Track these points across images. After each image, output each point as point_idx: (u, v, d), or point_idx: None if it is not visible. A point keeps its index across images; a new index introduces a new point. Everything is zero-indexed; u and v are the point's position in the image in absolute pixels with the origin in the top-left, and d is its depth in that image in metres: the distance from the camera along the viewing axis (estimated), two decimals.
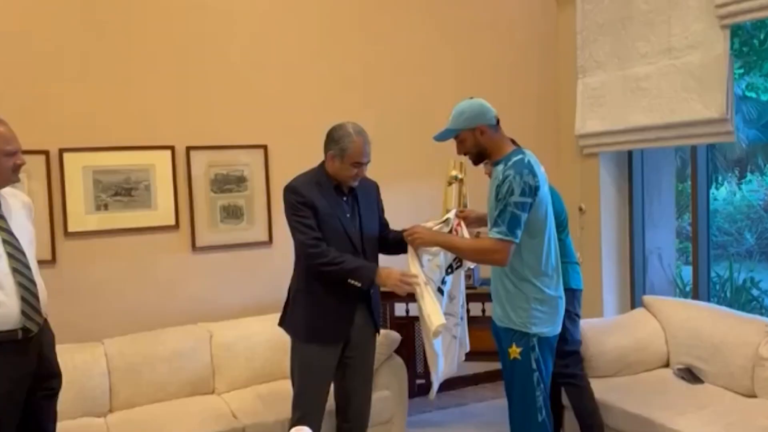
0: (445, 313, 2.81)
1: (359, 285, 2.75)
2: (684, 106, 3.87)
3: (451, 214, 2.90)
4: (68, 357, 3.11)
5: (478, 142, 2.73)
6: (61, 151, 3.62)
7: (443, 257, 2.86)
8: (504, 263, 2.59)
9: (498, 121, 2.74)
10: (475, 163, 2.83)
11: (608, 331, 3.66)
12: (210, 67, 3.94)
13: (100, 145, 3.70)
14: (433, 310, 2.70)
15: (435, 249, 2.84)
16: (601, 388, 3.36)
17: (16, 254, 2.45)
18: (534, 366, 2.66)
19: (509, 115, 4.70)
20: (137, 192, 3.79)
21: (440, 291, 2.84)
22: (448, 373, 2.99)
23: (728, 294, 5.56)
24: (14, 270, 2.42)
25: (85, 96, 3.68)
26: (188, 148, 3.89)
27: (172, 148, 3.86)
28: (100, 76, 3.71)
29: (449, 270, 2.87)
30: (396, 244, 2.94)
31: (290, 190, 2.83)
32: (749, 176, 11.37)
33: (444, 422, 3.26)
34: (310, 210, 2.77)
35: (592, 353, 3.50)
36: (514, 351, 2.68)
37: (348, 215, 2.87)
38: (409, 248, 2.82)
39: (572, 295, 3.18)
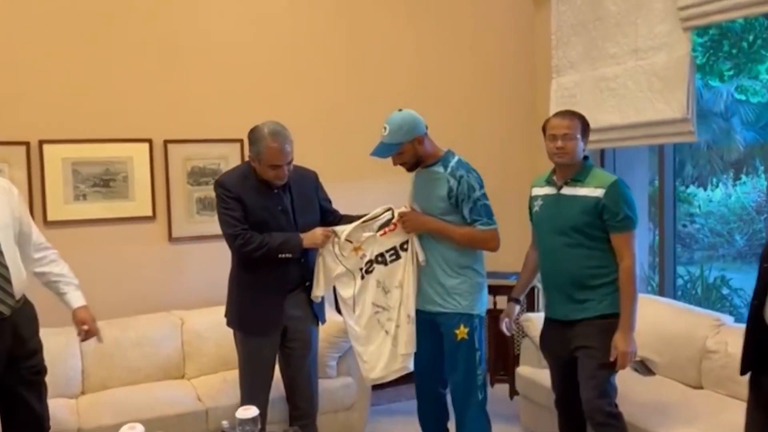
0: (375, 304, 2.96)
1: (291, 255, 2.86)
2: (649, 106, 3.94)
3: (391, 213, 2.98)
4: (44, 341, 3.18)
5: (416, 152, 2.92)
6: (41, 143, 3.74)
7: (374, 247, 2.96)
8: (497, 249, 2.96)
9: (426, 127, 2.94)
10: (411, 170, 3.00)
11: None
12: (188, 62, 4.05)
13: (79, 137, 3.82)
14: (322, 277, 2.96)
15: (368, 234, 2.96)
16: None
17: None
18: (477, 345, 2.96)
19: (486, 113, 4.86)
20: (115, 183, 3.91)
21: (360, 271, 2.99)
22: (390, 371, 3.00)
23: (699, 292, 5.63)
24: None
25: (65, 89, 3.79)
26: (166, 142, 4.00)
27: (150, 141, 3.97)
28: (80, 69, 3.82)
29: (380, 259, 2.97)
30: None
31: (218, 184, 2.94)
32: (744, 178, 11.39)
33: (412, 411, 3.36)
34: (237, 203, 2.87)
35: None
36: (462, 332, 2.93)
37: (279, 207, 2.95)
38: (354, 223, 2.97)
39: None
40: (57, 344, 3.41)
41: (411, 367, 2.99)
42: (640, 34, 4.00)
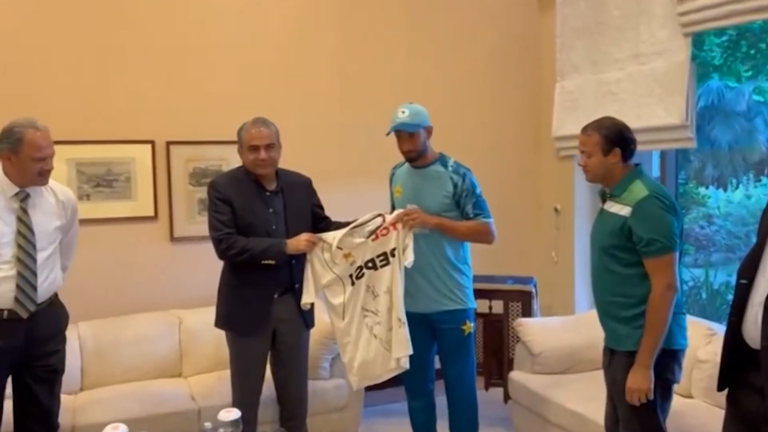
0: (364, 309, 2.98)
1: (273, 262, 2.89)
2: (648, 111, 3.91)
3: (381, 219, 2.99)
4: None
5: (424, 142, 3.01)
6: None
7: (365, 252, 2.98)
8: (494, 241, 3.09)
9: None
10: (413, 161, 3.03)
11: (562, 328, 3.75)
12: (191, 65, 4.11)
13: (83, 138, 3.89)
14: (311, 284, 2.97)
15: (359, 240, 2.97)
16: (547, 384, 3.47)
17: (25, 245, 2.67)
18: (473, 338, 3.15)
19: (491, 116, 4.84)
20: (118, 183, 3.98)
21: (350, 277, 3.00)
22: (385, 370, 3.02)
23: (704, 297, 5.56)
24: (17, 259, 2.64)
25: (70, 91, 3.86)
26: (168, 143, 4.06)
27: (152, 143, 4.03)
28: (84, 72, 3.90)
29: (369, 264, 2.98)
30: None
31: (210, 186, 3.00)
32: (765, 179, 11.20)
33: (406, 412, 3.39)
34: (227, 206, 2.91)
35: (543, 350, 3.59)
36: (468, 327, 3.12)
37: (270, 210, 2.99)
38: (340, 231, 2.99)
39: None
40: None
41: (407, 366, 3.00)
42: (641, 39, 3.97)
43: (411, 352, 2.97)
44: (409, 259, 2.95)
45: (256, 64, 4.26)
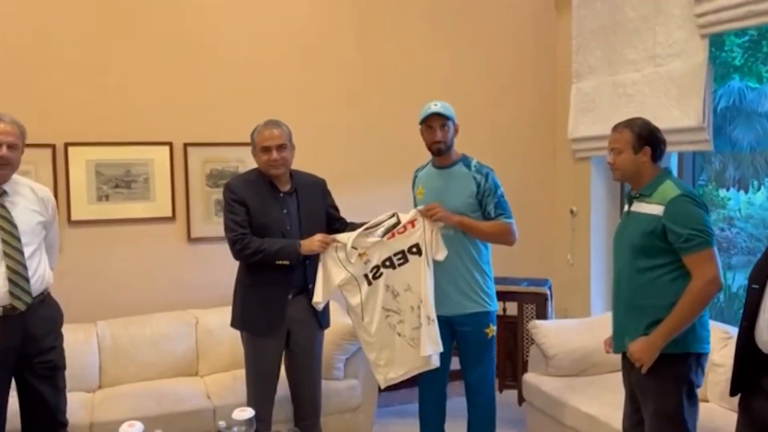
0: (385, 308, 2.99)
1: (288, 263, 2.92)
2: (665, 113, 3.88)
3: (396, 218, 3.00)
4: (64, 336, 3.36)
5: (452, 137, 3.08)
6: (66, 145, 3.88)
7: (381, 251, 2.99)
8: (515, 242, 3.08)
9: None
10: (440, 154, 3.07)
11: (577, 331, 3.72)
12: (208, 68, 4.15)
13: (102, 140, 3.95)
14: (321, 284, 2.97)
15: (374, 239, 2.99)
16: (561, 387, 3.46)
17: (9, 240, 2.69)
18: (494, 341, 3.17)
19: (508, 117, 4.84)
20: (137, 185, 4.03)
21: (366, 277, 3.01)
22: (413, 367, 3.03)
23: (721, 300, 5.50)
24: (5, 254, 2.67)
25: (89, 94, 3.93)
26: (185, 145, 4.11)
27: (170, 144, 4.08)
28: (104, 75, 3.95)
29: (387, 263, 2.99)
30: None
31: (225, 188, 3.04)
32: None
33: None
34: (242, 207, 2.94)
35: (557, 352, 3.58)
36: (491, 329, 3.12)
37: (285, 211, 3.01)
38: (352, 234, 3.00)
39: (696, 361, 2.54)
40: (76, 340, 3.57)
41: (437, 363, 3.02)
42: (657, 40, 3.94)
43: (441, 349, 2.99)
44: (441, 252, 2.98)
45: (272, 66, 4.29)
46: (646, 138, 2.55)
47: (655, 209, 2.44)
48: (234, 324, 3.13)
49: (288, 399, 3.23)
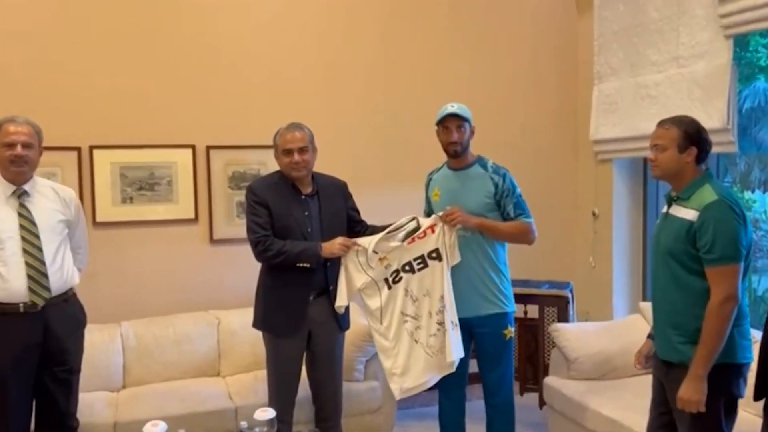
0: (403, 313, 2.99)
1: (309, 265, 2.94)
2: (689, 114, 3.83)
3: (416, 222, 3.00)
4: (88, 336, 3.35)
5: (468, 139, 3.08)
6: (92, 148, 3.94)
7: (401, 256, 2.99)
8: (534, 241, 3.10)
9: None
10: (456, 156, 3.07)
11: (598, 334, 3.70)
12: (230, 72, 4.20)
13: (127, 143, 4.01)
14: (345, 287, 2.98)
15: (394, 244, 2.99)
16: (582, 390, 3.43)
17: (29, 237, 2.76)
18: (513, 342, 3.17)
19: (528, 118, 4.82)
20: (160, 187, 4.08)
21: (386, 281, 3.01)
22: (430, 375, 3.02)
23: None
24: (24, 251, 2.73)
25: (114, 98, 3.98)
26: (208, 147, 4.16)
27: (193, 147, 4.13)
28: (128, 79, 4.01)
29: (407, 267, 3.00)
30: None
31: (248, 190, 3.07)
32: None
33: None
34: (264, 209, 2.96)
35: (578, 356, 3.56)
36: (509, 331, 3.12)
37: (306, 214, 3.03)
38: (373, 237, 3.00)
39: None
40: (101, 340, 3.63)
41: (454, 368, 3.00)
42: (681, 41, 3.91)
43: (462, 355, 3.00)
44: (457, 258, 2.99)
45: (294, 69, 4.32)
46: (693, 137, 2.43)
47: (690, 214, 2.35)
48: (255, 325, 3.15)
49: (309, 400, 3.25)
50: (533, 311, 4.14)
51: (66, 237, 2.94)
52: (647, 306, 3.92)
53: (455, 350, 2.95)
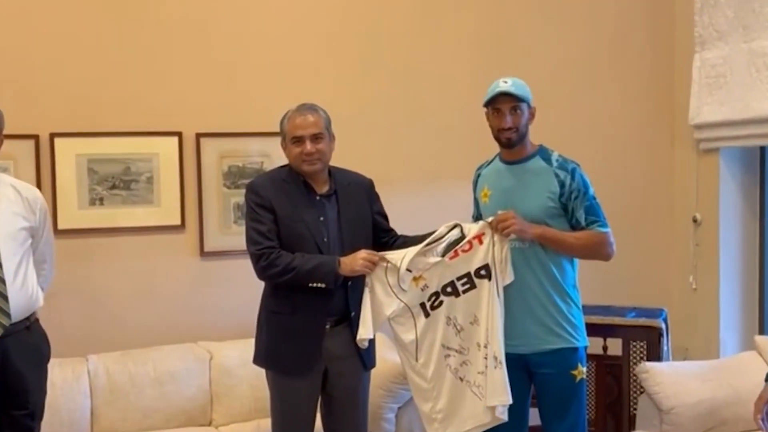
0: (445, 346, 2.99)
1: (324, 285, 2.92)
2: None
3: (459, 231, 3.00)
4: (48, 373, 3.46)
5: (527, 124, 3.04)
6: (52, 136, 3.99)
7: (441, 272, 2.98)
8: (612, 256, 3.05)
9: None
10: (508, 146, 3.04)
11: (701, 377, 3.65)
12: (225, 42, 4.22)
13: (96, 129, 4.05)
14: (370, 315, 2.96)
15: (433, 260, 2.98)
16: None
17: None
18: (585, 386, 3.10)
19: (608, 100, 4.79)
20: (138, 185, 4.13)
21: (423, 307, 3.01)
22: (478, 424, 3.01)
23: None
24: None
25: (80, 75, 4.03)
26: (198, 135, 4.19)
27: (179, 135, 4.17)
28: (98, 52, 4.05)
29: (449, 290, 2.99)
30: None
31: (248, 189, 3.08)
32: None
33: None
34: (268, 213, 2.97)
35: (674, 405, 3.51)
36: (581, 371, 3.04)
37: (321, 219, 3.03)
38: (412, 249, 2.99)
39: None
40: (62, 378, 3.67)
41: (505, 417, 2.98)
42: None
43: (510, 400, 2.95)
44: (509, 277, 2.96)
45: (306, 40, 4.34)
46: None
47: None
48: (257, 360, 3.17)
49: None
50: (615, 346, 4.09)
51: (29, 248, 2.98)
52: (765, 340, 3.88)
53: (495, 394, 2.93)
